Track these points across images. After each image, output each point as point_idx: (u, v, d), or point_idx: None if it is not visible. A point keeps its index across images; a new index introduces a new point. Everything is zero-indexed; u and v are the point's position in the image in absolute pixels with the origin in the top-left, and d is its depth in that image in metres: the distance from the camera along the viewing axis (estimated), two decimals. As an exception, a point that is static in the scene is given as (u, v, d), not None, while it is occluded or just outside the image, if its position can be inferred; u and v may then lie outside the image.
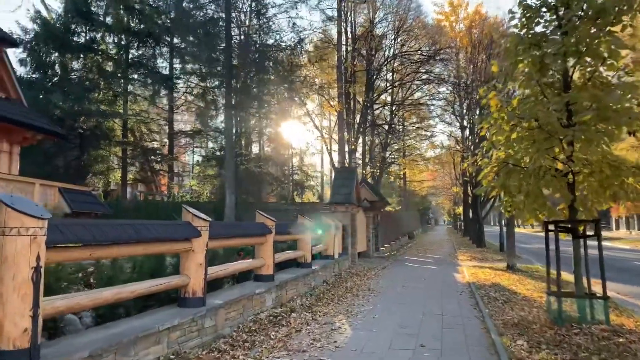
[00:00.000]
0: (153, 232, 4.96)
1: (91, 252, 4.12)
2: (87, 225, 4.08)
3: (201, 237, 5.85)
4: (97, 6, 22.91)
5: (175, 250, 5.59)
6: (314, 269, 10.94)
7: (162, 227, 5.20)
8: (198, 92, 23.40)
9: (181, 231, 5.56)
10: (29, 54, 21.99)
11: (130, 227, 4.64)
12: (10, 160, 16.59)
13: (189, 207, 5.99)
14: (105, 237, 4.20)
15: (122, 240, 4.46)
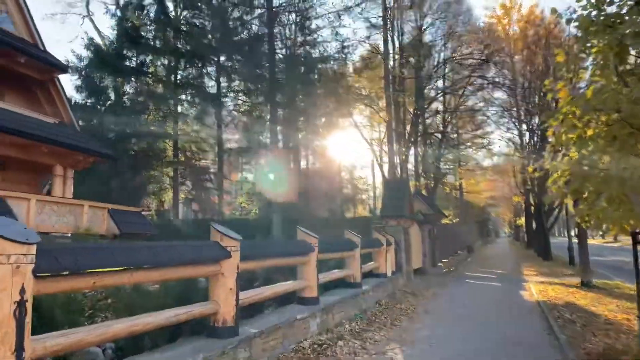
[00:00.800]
0: (174, 255, 4.40)
1: (95, 280, 3.59)
2: (90, 249, 3.56)
3: (231, 258, 5.25)
4: (147, 30, 23.44)
5: (201, 274, 5.02)
6: (364, 289, 10.13)
7: (186, 249, 4.65)
8: (245, 109, 23.38)
9: (208, 252, 4.98)
10: (84, 80, 22.76)
11: (146, 250, 4.10)
12: (64, 183, 16.92)
13: (217, 225, 5.42)
14: (113, 262, 3.66)
15: (135, 265, 3.92)
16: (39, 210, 12.61)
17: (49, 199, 13.37)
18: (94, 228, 14.47)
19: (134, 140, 21.86)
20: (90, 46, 23.02)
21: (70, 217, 13.66)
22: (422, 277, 17.15)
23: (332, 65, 19.79)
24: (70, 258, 3.31)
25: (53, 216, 13.00)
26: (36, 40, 16.19)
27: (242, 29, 20.78)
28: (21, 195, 12.45)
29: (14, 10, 15.56)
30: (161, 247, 4.31)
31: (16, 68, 15.20)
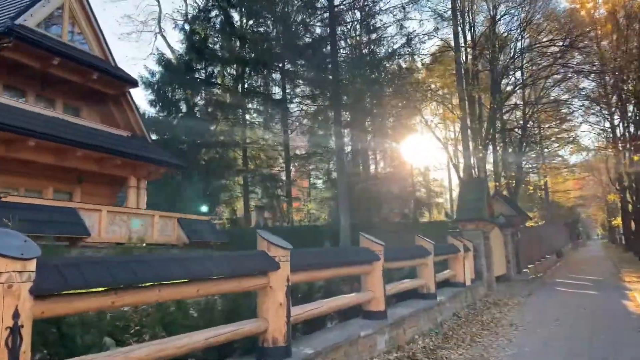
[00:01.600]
0: (210, 268, 3.87)
1: (114, 299, 3.12)
2: (103, 263, 3.09)
3: (280, 269, 4.66)
4: (213, 42, 23.85)
5: (245, 288, 4.46)
6: (440, 300, 9.18)
7: (224, 260, 4.11)
8: (310, 114, 23.10)
9: (252, 264, 4.42)
10: (156, 94, 23.54)
11: (175, 263, 3.60)
12: (137, 194, 17.37)
13: (263, 233, 4.85)
14: (133, 278, 3.17)
15: (161, 280, 3.42)
16: (110, 221, 12.87)
17: (120, 209, 13.66)
18: (164, 237, 14.63)
19: (204, 150, 22.21)
20: (161, 61, 23.79)
21: (142, 227, 13.85)
22: (506, 285, 15.69)
23: (399, 62, 18.94)
24: (78, 274, 2.85)
25: (124, 227, 13.23)
26: (108, 57, 16.79)
27: (304, 32, 20.49)
28: (93, 207, 12.77)
29: (87, 29, 16.22)
30: (194, 259, 3.80)
31: (90, 85, 15.82)
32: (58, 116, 15.02)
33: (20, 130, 12.57)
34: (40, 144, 13.42)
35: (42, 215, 10.80)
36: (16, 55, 13.55)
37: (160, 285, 3.45)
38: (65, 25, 15.58)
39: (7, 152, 13.25)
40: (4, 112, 12.87)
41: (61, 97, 16.31)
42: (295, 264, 4.96)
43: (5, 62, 13.76)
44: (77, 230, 11.43)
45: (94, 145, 14.62)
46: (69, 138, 13.87)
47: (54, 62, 14.25)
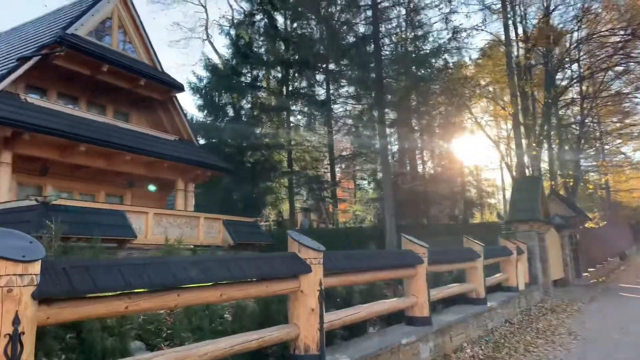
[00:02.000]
0: (233, 271, 3.67)
1: (128, 303, 2.96)
2: (119, 266, 2.94)
3: (312, 272, 4.40)
4: (258, 45, 24.01)
5: (274, 292, 4.23)
6: (490, 305, 8.64)
7: (250, 263, 3.90)
8: (355, 114, 22.80)
9: (281, 266, 4.19)
10: (204, 99, 23.94)
11: (195, 266, 3.41)
12: (185, 196, 17.65)
13: (293, 234, 4.62)
14: (146, 282, 3.01)
15: (179, 283, 3.24)
16: (156, 223, 13.07)
17: (166, 212, 13.87)
18: (210, 239, 14.73)
19: (250, 152, 22.35)
20: (208, 66, 24.18)
21: (187, 228, 14.01)
22: (564, 289, 14.76)
23: (446, 58, 18.30)
24: (86, 277, 2.71)
25: (170, 228, 13.40)
26: (155, 64, 17.17)
27: (348, 32, 20.20)
28: (140, 209, 13.01)
29: (135, 36, 16.64)
30: (217, 261, 3.61)
31: (139, 90, 16.22)
32: (108, 122, 15.48)
33: (71, 136, 13.00)
34: (91, 149, 13.84)
35: (90, 218, 11.07)
36: (68, 63, 14.06)
37: (179, 289, 3.28)
38: (115, 33, 16.06)
39: (61, 157, 13.77)
40: (58, 118, 13.36)
41: (111, 103, 16.83)
42: (328, 267, 4.70)
43: (58, 71, 14.32)
44: (124, 232, 11.66)
45: (142, 150, 14.95)
46: (117, 143, 14.24)
47: (104, 69, 14.68)
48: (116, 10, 16.11)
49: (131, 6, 16.46)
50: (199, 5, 33.37)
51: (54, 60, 13.74)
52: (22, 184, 14.11)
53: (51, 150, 13.44)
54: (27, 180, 14.20)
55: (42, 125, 12.37)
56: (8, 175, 12.47)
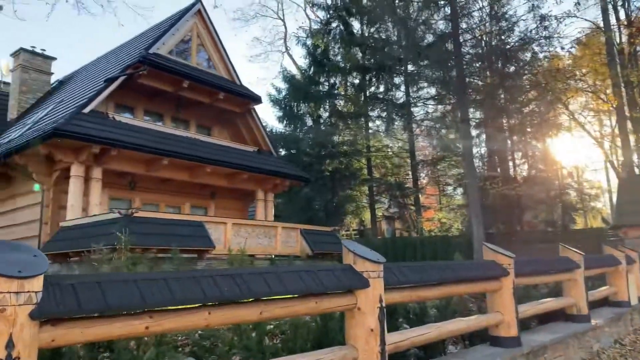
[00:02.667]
0: (274, 286, 3.27)
1: (149, 323, 2.66)
2: (137, 281, 2.65)
3: (370, 287, 3.88)
4: (334, 53, 23.85)
5: (325, 310, 3.77)
6: (595, 323, 7.49)
7: (296, 277, 3.47)
8: (436, 116, 21.75)
9: (332, 280, 3.71)
10: (283, 110, 24.22)
11: (229, 280, 3.05)
12: (265, 206, 17.78)
13: (350, 244, 4.13)
14: (168, 298, 2.69)
15: (210, 300, 2.90)
16: (235, 233, 13.15)
17: (244, 222, 13.94)
18: (288, 249, 14.61)
19: (328, 160, 22.16)
20: (286, 78, 24.46)
21: (265, 238, 13.98)
22: (689, 305, 12.70)
23: (534, 50, 16.82)
24: (96, 295, 2.43)
25: (248, 238, 13.43)
26: (233, 77, 17.55)
27: (426, 31, 19.35)
28: (219, 220, 13.16)
29: (214, 52, 17.13)
30: (256, 274, 3.22)
31: (218, 104, 16.64)
32: (190, 136, 16.00)
33: (154, 151, 13.53)
34: (174, 162, 14.33)
35: (170, 229, 11.33)
36: (152, 81, 14.73)
37: (209, 306, 2.94)
38: (194, 50, 16.64)
39: (147, 171, 14.39)
40: (143, 134, 14.00)
41: (194, 118, 17.43)
42: (391, 280, 4.15)
43: (143, 89, 15.06)
44: (203, 243, 11.81)
45: (221, 161, 15.25)
46: (198, 155, 14.63)
47: (184, 85, 15.21)
48: (195, 28, 16.69)
49: (209, 23, 16.98)
50: (277, 19, 34.09)
51: (139, 80, 14.45)
52: (114, 198, 14.93)
53: (137, 165, 14.08)
54: (118, 194, 15.02)
55: (127, 141, 12.98)
56: (99, 190, 13.19)
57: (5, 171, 14.27)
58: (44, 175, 13.52)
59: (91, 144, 12.46)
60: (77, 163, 12.83)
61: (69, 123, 12.23)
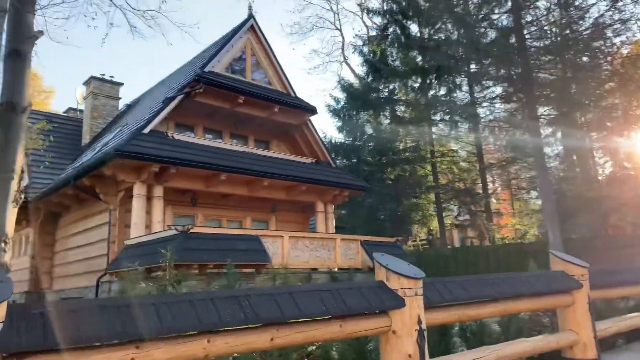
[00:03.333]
0: (286, 309, 2.89)
1: (135, 354, 2.37)
2: (122, 307, 2.37)
3: (406, 307, 3.40)
4: (392, 58, 23.28)
5: (352, 334, 3.31)
6: (697, 342, 6.41)
7: (313, 297, 3.07)
8: (504, 116, 20.43)
9: (359, 300, 3.27)
10: (342, 120, 23.94)
11: (229, 303, 2.71)
12: (325, 218, 17.48)
13: (382, 257, 3.66)
14: (157, 328, 2.38)
15: (205, 328, 2.57)
16: (292, 246, 12.93)
17: (302, 234, 13.68)
18: (348, 261, 14.17)
19: (389, 169, 21.54)
20: (344, 87, 24.20)
21: (323, 251, 13.63)
22: None
23: (609, 36, 15.28)
24: (68, 324, 2.17)
25: (306, 251, 13.16)
26: (288, 90, 17.52)
27: (487, 27, 18.32)
28: (275, 233, 13.01)
29: (268, 66, 17.21)
30: (259, 295, 2.85)
31: (274, 117, 16.64)
32: (247, 150, 16.09)
33: (210, 167, 13.69)
34: (231, 177, 14.41)
35: (226, 244, 11.29)
36: (208, 99, 14.97)
37: (208, 333, 2.61)
38: (248, 66, 16.79)
39: (206, 187, 14.59)
40: (201, 151, 14.22)
41: (252, 132, 17.55)
42: (433, 298, 3.64)
43: (200, 107, 15.34)
44: (260, 257, 11.66)
45: (278, 174, 15.17)
46: (253, 169, 14.63)
47: (240, 101, 15.33)
48: (249, 44, 16.86)
49: (262, 38, 17.09)
50: (334, 30, 34.00)
51: (195, 98, 14.73)
52: (178, 215, 15.27)
53: (197, 182, 14.30)
54: (181, 211, 15.33)
55: (184, 158, 13.22)
56: (161, 208, 13.49)
57: (78, 193, 15.00)
58: (110, 196, 14.07)
59: (151, 163, 12.79)
60: (139, 182, 13.22)
61: (129, 144, 12.63)
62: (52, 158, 18.99)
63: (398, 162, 21.44)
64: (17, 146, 5.53)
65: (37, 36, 6.06)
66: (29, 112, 5.83)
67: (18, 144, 5.54)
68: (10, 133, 5.50)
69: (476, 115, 20.59)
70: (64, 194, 15.29)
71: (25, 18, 5.85)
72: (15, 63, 5.70)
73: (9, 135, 5.50)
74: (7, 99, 5.56)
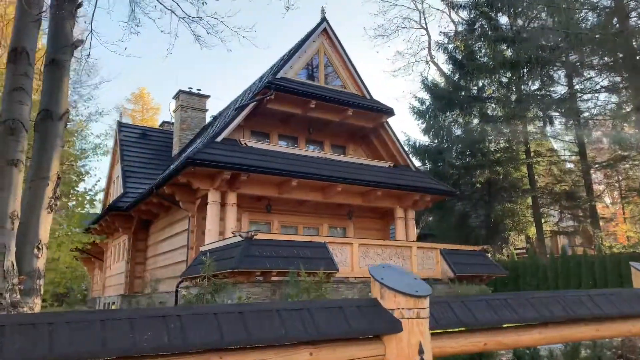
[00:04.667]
0: (230, 333, 2.37)
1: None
2: (94, 323, 2.03)
3: (403, 332, 2.72)
4: (481, 54, 21.75)
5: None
6: None
7: (271, 319, 2.51)
8: (609, 108, 17.94)
9: (339, 323, 2.64)
10: (427, 122, 22.82)
11: (150, 325, 2.26)
12: (405, 225, 16.63)
13: (377, 269, 3.00)
14: (99, 349, 2.00)
15: (183, 348, 2.14)
16: (363, 254, 12.30)
17: (373, 242, 12.99)
18: (426, 271, 13.21)
19: (478, 171, 20.03)
20: (429, 87, 23.09)
21: (398, 260, 12.83)
22: None
23: None
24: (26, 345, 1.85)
25: (378, 260, 12.45)
26: (363, 92, 16.99)
27: (587, 11, 16.36)
28: (344, 241, 12.49)
29: (341, 69, 16.83)
30: (196, 314, 2.36)
31: (349, 121, 16.19)
32: (321, 155, 15.78)
33: (280, 173, 13.53)
34: (303, 183, 14.16)
35: (291, 251, 10.98)
36: (280, 105, 14.90)
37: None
38: (322, 70, 16.52)
39: (279, 193, 14.48)
40: (273, 157, 14.15)
41: (327, 137, 17.24)
42: (443, 321, 2.91)
43: (274, 114, 15.34)
44: (326, 265, 11.15)
45: (350, 179, 14.64)
46: (325, 174, 14.25)
47: (312, 106, 15.07)
48: (322, 48, 16.60)
49: (335, 41, 16.74)
50: (420, 29, 32.72)
51: (267, 105, 14.73)
52: (253, 222, 15.35)
53: (269, 188, 14.23)
54: (257, 217, 15.39)
55: (254, 165, 13.20)
56: (234, 214, 13.59)
57: (161, 201, 15.69)
58: (188, 203, 14.49)
59: (222, 170, 12.93)
60: (213, 190, 13.44)
61: (200, 152, 12.89)
62: (146, 169, 20.25)
63: (488, 164, 19.84)
64: (53, 153, 5.61)
65: (77, 45, 6.18)
66: (67, 120, 5.93)
67: (54, 151, 5.62)
68: (46, 140, 5.60)
69: (577, 109, 18.43)
70: (150, 202, 16.06)
71: (64, 27, 5.98)
72: (53, 72, 5.82)
73: (45, 142, 5.60)
74: (44, 107, 5.69)
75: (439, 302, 2.98)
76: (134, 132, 22.13)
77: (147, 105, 53.71)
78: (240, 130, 15.51)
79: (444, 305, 3.00)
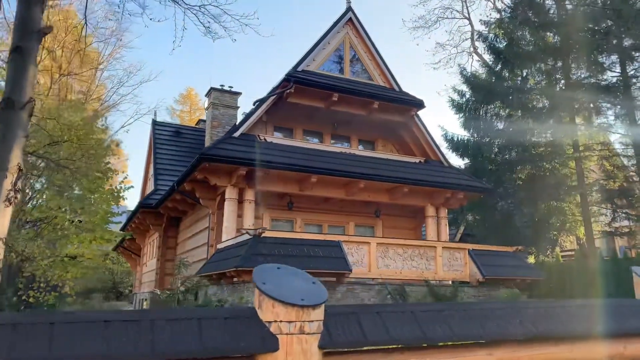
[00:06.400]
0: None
1: None
2: None
3: (280, 351, 2.13)
4: (524, 42, 20.32)
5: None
6: None
7: (96, 329, 2.00)
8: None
9: (191, 339, 2.10)
10: (466, 115, 21.65)
11: None
12: (437, 224, 15.75)
13: (261, 269, 2.41)
14: None
15: None
16: (381, 254, 11.59)
17: (393, 241, 12.24)
18: (452, 273, 12.33)
19: (519, 167, 18.72)
20: (468, 79, 21.90)
21: (421, 260, 12.02)
22: None
23: None
24: None
25: (399, 260, 11.71)
26: (392, 84, 16.25)
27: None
28: (361, 240, 11.83)
29: (369, 61, 16.17)
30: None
31: (376, 115, 15.50)
32: (344, 151, 15.18)
33: (300, 168, 13.05)
34: (324, 180, 13.62)
35: (303, 250, 10.47)
36: (301, 99, 14.42)
37: None
38: (347, 62, 15.90)
39: (300, 190, 13.99)
40: (292, 153, 13.70)
41: (353, 132, 16.62)
42: (340, 339, 2.28)
43: (295, 108, 14.84)
44: (339, 265, 10.58)
45: (374, 175, 13.93)
46: (346, 170, 13.62)
47: (334, 99, 14.49)
48: (347, 39, 15.98)
49: (362, 31, 16.07)
50: (462, 19, 31.26)
51: (288, 99, 14.29)
52: (275, 219, 14.97)
53: (289, 185, 13.78)
54: (279, 215, 15.01)
55: (271, 160, 12.78)
56: (252, 211, 13.25)
57: (184, 198, 15.61)
58: (209, 200, 14.29)
59: (238, 166, 12.60)
60: (230, 186, 13.14)
61: (214, 147, 12.64)
62: (178, 166, 20.34)
63: (531, 159, 18.48)
64: (13, 144, 5.36)
65: (45, 32, 5.93)
66: (31, 110, 5.69)
67: (14, 141, 5.37)
68: (7, 129, 5.38)
69: (632, 98, 16.77)
70: (175, 199, 16.02)
71: (31, 12, 5.74)
72: (17, 59, 5.60)
73: (6, 131, 5.37)
74: (7, 95, 5.47)
75: (343, 314, 2.36)
76: (167, 130, 22.36)
77: (195, 105, 54.70)
78: (263, 126, 15.19)
79: (349, 317, 2.37)
